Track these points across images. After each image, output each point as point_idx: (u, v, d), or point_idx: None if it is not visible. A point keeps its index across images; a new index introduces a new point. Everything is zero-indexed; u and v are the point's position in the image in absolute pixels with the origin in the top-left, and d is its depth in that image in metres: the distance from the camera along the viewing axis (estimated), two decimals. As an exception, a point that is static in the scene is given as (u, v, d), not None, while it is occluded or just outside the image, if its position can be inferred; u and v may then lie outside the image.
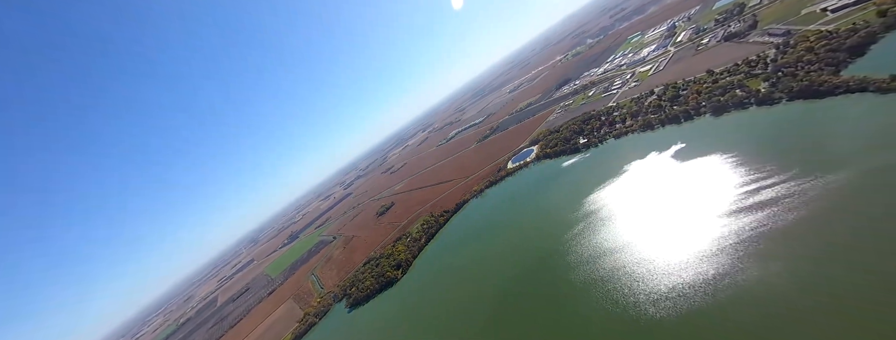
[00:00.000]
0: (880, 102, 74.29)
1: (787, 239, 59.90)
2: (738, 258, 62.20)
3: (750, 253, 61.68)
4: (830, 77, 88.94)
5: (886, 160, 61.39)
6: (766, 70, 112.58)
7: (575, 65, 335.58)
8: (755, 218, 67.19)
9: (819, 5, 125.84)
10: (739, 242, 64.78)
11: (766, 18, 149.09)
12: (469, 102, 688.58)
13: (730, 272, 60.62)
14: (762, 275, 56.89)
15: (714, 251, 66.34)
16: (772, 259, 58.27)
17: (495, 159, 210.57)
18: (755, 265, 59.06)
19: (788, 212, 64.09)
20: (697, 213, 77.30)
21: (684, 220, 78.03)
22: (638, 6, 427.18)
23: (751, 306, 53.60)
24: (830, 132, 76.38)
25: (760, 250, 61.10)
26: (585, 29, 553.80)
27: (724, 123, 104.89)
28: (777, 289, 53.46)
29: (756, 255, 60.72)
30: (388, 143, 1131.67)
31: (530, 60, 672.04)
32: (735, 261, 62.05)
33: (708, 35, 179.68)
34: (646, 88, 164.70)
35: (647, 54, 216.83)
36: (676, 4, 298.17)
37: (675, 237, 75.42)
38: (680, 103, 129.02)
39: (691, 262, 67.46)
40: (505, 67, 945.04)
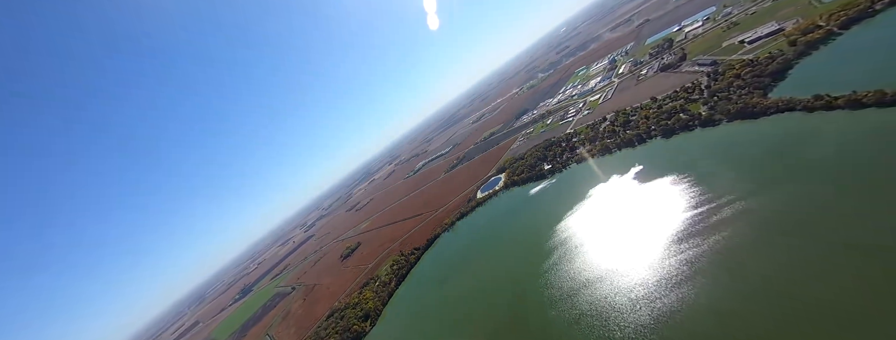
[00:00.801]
0: (808, 120, 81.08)
1: (740, 261, 60.28)
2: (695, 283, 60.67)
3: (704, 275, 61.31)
4: (761, 99, 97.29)
5: (814, 176, 65.87)
6: (703, 95, 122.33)
7: (531, 96, 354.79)
8: (710, 241, 67.97)
9: (737, 38, 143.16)
10: (697, 267, 65.03)
11: (692, 51, 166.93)
12: (435, 133, 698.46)
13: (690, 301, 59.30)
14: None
15: (683, 275, 65.09)
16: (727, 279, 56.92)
17: (464, 188, 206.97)
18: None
19: (736, 235, 65.49)
20: (663, 237, 76.78)
21: (652, 244, 76.94)
22: (580, 44, 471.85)
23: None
24: (770, 150, 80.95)
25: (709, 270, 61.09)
26: (535, 64, 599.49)
27: (675, 144, 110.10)
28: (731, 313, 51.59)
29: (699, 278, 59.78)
30: (353, 178, 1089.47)
31: (489, 93, 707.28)
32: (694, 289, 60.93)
33: (645, 67, 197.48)
34: (598, 115, 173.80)
35: (595, 85, 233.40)
36: (614, 41, 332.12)
37: (646, 263, 73.48)
38: (632, 128, 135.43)
39: (663, 291, 65.16)
40: (466, 100, 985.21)
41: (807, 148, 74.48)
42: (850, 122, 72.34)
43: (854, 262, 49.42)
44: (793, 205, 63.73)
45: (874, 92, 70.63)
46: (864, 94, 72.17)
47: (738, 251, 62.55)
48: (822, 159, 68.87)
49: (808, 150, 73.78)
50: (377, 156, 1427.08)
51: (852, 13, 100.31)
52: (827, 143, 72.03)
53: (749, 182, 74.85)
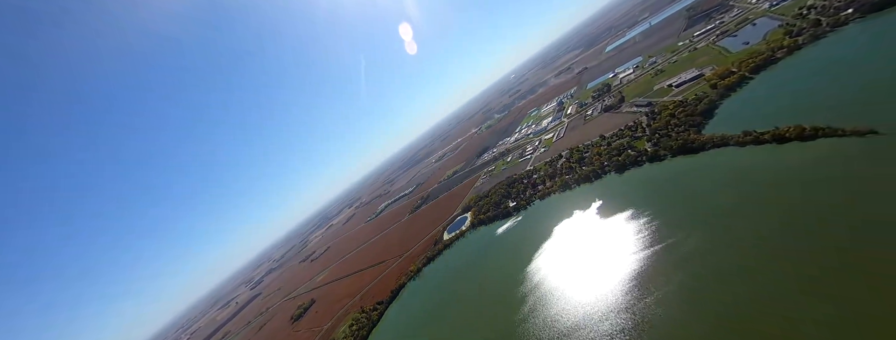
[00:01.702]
0: (742, 153, 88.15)
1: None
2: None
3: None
4: (697, 136, 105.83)
5: (758, 207, 69.89)
6: (645, 133, 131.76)
7: (489, 136, 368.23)
8: (675, 279, 67.42)
9: (665, 83, 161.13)
10: (667, 306, 63.84)
11: (629, 94, 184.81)
12: (398, 172, 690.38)
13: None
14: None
15: (658, 318, 62.60)
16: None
17: (430, 230, 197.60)
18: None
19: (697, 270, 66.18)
20: (632, 276, 74.92)
21: (623, 285, 74.55)
22: (529, 88, 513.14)
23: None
24: (715, 182, 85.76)
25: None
26: (491, 106, 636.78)
27: (628, 179, 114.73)
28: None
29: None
30: (308, 224, 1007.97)
31: (449, 133, 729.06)
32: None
33: (590, 108, 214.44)
34: (554, 152, 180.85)
35: (547, 125, 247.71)
36: (559, 86, 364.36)
37: (621, 306, 70.17)
38: (587, 164, 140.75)
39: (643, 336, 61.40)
40: (428, 139, 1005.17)
41: (747, 180, 79.53)
42: (779, 154, 79.23)
43: (798, 283, 51.36)
44: (743, 237, 65.87)
45: (794, 127, 78.91)
46: (786, 129, 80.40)
47: (700, 287, 62.49)
48: (762, 189, 73.43)
49: (748, 181, 78.76)
50: (336, 199, 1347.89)
51: (758, 61, 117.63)
52: (764, 174, 77.55)
53: (702, 215, 77.59)
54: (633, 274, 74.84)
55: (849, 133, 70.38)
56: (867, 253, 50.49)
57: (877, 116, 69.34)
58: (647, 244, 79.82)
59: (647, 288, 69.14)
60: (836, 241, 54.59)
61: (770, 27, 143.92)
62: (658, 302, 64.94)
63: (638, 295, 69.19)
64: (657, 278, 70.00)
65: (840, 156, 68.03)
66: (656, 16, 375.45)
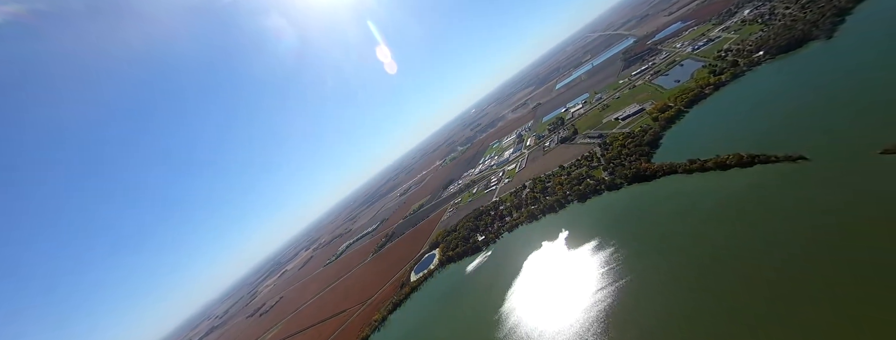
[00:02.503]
0: (690, 180, 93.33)
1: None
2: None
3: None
4: (648, 164, 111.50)
5: (711, 231, 73.20)
6: (601, 163, 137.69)
7: (454, 168, 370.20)
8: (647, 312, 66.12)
9: (612, 116, 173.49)
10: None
11: (581, 127, 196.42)
12: (360, 208, 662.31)
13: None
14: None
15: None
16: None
17: (396, 271, 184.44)
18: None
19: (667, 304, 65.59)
20: (606, 313, 72.44)
21: (599, 323, 71.42)
22: (490, 122, 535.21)
23: None
24: (670, 209, 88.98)
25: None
26: (454, 139, 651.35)
27: (590, 207, 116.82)
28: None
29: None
30: (259, 272, 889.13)
31: (414, 166, 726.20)
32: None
33: (547, 140, 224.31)
34: (518, 182, 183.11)
35: (509, 156, 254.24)
36: (517, 120, 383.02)
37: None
38: (550, 194, 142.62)
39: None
40: (392, 173, 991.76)
41: (699, 206, 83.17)
42: (723, 181, 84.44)
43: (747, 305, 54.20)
44: (703, 263, 67.52)
45: (733, 155, 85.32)
46: (726, 157, 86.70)
47: (670, 318, 61.49)
48: (714, 215, 76.94)
49: (700, 208, 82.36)
50: (291, 241, 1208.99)
51: (690, 96, 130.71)
52: (713, 200, 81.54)
53: (663, 244, 78.98)
54: (605, 310, 72.55)
55: (781, 159, 76.82)
56: (818, 270, 53.00)
57: (801, 142, 76.86)
58: (615, 278, 78.90)
59: (622, 325, 66.52)
60: (785, 262, 57.07)
61: (695, 67, 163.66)
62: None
63: (615, 336, 65.94)
64: (628, 312, 68.34)
65: (777, 181, 73.39)
66: (597, 58, 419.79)
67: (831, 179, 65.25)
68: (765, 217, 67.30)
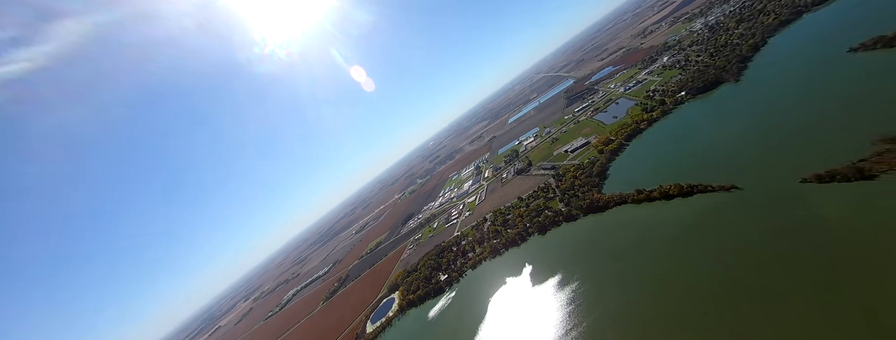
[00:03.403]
0: (639, 209, 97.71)
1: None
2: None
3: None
4: (600, 195, 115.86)
5: (666, 261, 75.59)
6: (556, 194, 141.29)
7: (413, 201, 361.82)
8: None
9: (562, 149, 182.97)
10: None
11: (535, 159, 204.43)
12: (311, 249, 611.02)
13: None
14: None
15: None
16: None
17: (350, 320, 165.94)
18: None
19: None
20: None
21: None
22: (448, 154, 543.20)
23: None
24: (627, 239, 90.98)
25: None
26: (413, 172, 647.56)
27: (551, 240, 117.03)
28: None
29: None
30: (186, 330, 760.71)
31: (371, 200, 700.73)
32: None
33: (504, 171, 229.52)
34: (479, 215, 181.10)
35: (468, 188, 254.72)
36: (473, 152, 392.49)
37: None
38: (511, 226, 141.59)
39: None
40: (348, 208, 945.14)
41: (651, 235, 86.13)
42: (669, 210, 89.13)
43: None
44: (662, 293, 68.52)
45: (674, 185, 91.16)
46: (669, 187, 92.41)
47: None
48: (665, 246, 79.52)
49: (652, 237, 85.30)
50: (229, 290, 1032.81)
51: (629, 131, 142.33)
52: (663, 229, 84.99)
53: (623, 275, 79.76)
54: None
55: (717, 189, 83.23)
56: (769, 297, 54.77)
57: (732, 172, 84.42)
58: (580, 317, 76.93)
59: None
60: (734, 291, 59.33)
61: (629, 105, 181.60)
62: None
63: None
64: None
65: (717, 210, 78.65)
66: (543, 96, 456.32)
67: (763, 206, 71.09)
68: (713, 248, 70.51)
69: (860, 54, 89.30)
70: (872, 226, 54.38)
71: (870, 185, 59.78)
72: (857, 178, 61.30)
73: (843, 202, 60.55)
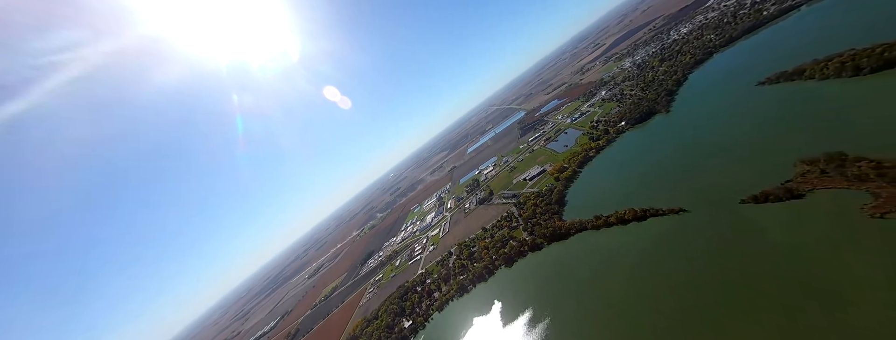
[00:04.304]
0: (599, 236, 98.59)
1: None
2: None
3: None
4: (561, 222, 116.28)
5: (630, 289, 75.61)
6: (520, 223, 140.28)
7: (374, 237, 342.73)
8: None
9: (520, 177, 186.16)
10: None
11: (496, 188, 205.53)
12: (255, 300, 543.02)
13: None
14: None
15: None
16: None
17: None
18: None
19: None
20: None
21: None
22: (409, 185, 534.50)
23: None
24: (590, 268, 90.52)
25: None
26: (373, 205, 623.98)
27: (518, 272, 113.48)
28: None
29: None
30: None
31: (327, 238, 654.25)
32: None
33: (467, 201, 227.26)
34: (443, 249, 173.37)
35: (431, 221, 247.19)
36: (434, 183, 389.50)
37: None
38: (477, 260, 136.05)
39: None
40: (300, 250, 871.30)
41: (614, 262, 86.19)
42: (627, 235, 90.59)
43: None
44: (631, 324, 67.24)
45: (629, 210, 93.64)
46: (624, 212, 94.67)
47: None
48: (628, 273, 79.42)
49: (615, 263, 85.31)
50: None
51: (580, 158, 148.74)
52: (624, 254, 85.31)
53: (591, 306, 78.18)
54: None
55: (667, 212, 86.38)
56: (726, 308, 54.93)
57: (678, 196, 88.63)
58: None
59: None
60: (698, 310, 60.10)
61: (577, 134, 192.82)
62: None
63: None
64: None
65: (670, 233, 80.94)
66: (498, 127, 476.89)
67: (711, 228, 74.09)
68: (672, 272, 71.54)
69: (767, 87, 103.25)
70: (810, 242, 57.76)
71: (799, 203, 64.70)
72: (787, 198, 66.12)
73: (781, 221, 64.56)
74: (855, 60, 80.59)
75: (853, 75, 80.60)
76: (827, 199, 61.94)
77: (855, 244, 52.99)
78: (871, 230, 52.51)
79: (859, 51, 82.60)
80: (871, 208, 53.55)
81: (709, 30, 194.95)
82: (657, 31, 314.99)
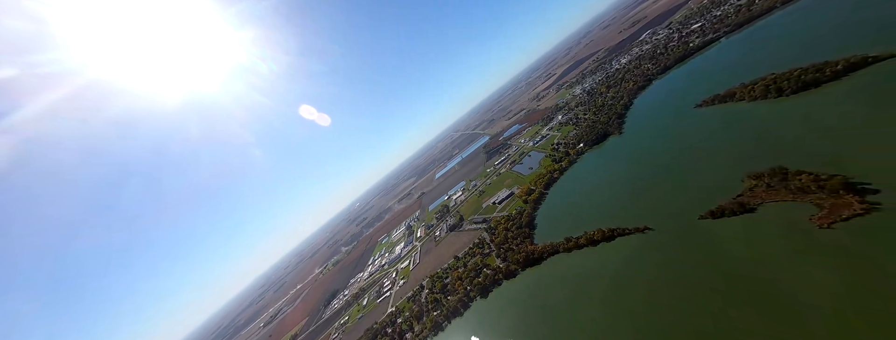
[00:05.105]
0: (572, 258, 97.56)
1: None
2: None
3: None
4: (533, 246, 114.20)
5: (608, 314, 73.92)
6: (492, 249, 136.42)
7: (339, 274, 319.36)
8: None
9: (489, 201, 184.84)
10: None
11: (466, 213, 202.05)
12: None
13: None
14: None
15: None
16: None
17: None
18: None
19: None
20: None
21: None
22: (376, 215, 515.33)
23: None
24: (566, 293, 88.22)
25: None
26: (337, 238, 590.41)
27: (494, 303, 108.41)
28: None
29: None
30: None
31: (286, 278, 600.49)
32: None
33: (437, 229, 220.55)
34: (414, 282, 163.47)
35: (401, 252, 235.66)
36: (403, 211, 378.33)
37: None
38: (451, 292, 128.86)
39: None
40: (256, 293, 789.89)
41: (587, 286, 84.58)
42: (598, 255, 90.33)
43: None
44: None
45: (597, 231, 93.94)
46: (593, 232, 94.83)
47: None
48: (602, 297, 77.85)
49: (588, 288, 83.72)
50: None
51: (545, 180, 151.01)
52: (597, 277, 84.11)
53: (566, 337, 75.65)
54: None
55: (633, 231, 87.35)
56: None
57: (641, 214, 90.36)
58: None
59: None
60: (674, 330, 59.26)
61: (540, 157, 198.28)
62: None
63: None
64: None
65: (638, 252, 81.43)
66: (464, 151, 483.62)
67: (676, 243, 75.30)
68: (644, 291, 71.26)
69: (704, 108, 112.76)
70: (770, 255, 59.57)
71: (753, 217, 67.66)
72: (741, 211, 69.09)
73: (739, 235, 66.77)
74: (777, 83, 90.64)
75: (777, 97, 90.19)
76: (777, 211, 65.27)
77: (809, 254, 55.19)
78: (822, 240, 55.13)
79: (779, 74, 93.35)
80: (818, 218, 56.63)
81: (646, 60, 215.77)
82: (600, 61, 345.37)
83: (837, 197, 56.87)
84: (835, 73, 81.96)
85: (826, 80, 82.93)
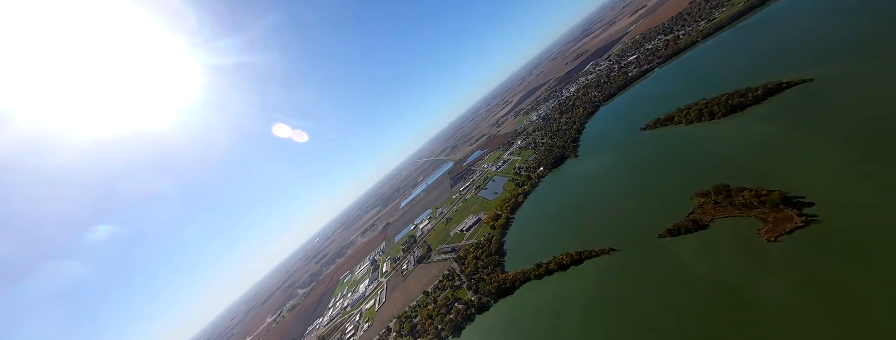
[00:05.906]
0: (544, 285, 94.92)
1: None
2: None
3: None
4: (504, 275, 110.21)
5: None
6: (463, 281, 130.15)
7: (294, 321, 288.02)
8: None
9: (457, 228, 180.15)
10: None
11: (434, 242, 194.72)
12: None
13: None
14: None
15: None
16: None
17: None
18: None
19: None
20: None
21: None
22: (338, 250, 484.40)
23: None
24: (537, 324, 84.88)
25: None
26: (294, 279, 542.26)
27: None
28: None
29: None
30: None
31: (233, 331, 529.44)
32: None
33: (404, 262, 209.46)
34: (380, 325, 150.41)
35: (365, 290, 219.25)
36: (367, 244, 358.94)
37: None
38: (421, 333, 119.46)
39: None
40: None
41: (562, 314, 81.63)
42: (568, 280, 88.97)
43: None
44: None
45: (566, 255, 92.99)
46: (562, 256, 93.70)
47: None
48: (576, 325, 75.18)
49: (563, 315, 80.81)
50: None
51: (511, 204, 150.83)
52: (571, 304, 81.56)
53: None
54: None
55: (599, 253, 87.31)
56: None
57: (605, 235, 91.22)
58: None
59: None
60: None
61: (503, 181, 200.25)
62: None
63: None
64: None
65: (606, 274, 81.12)
66: (429, 178, 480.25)
67: (641, 263, 75.78)
68: (615, 314, 70.14)
69: (649, 132, 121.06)
70: (725, 268, 61.08)
71: (707, 233, 70.17)
72: (695, 229, 71.53)
73: (696, 252, 68.51)
74: (708, 107, 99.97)
75: (710, 119, 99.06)
76: (727, 227, 68.22)
77: (763, 267, 57.10)
78: (773, 254, 57.48)
79: (710, 100, 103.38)
80: (765, 232, 59.43)
81: (592, 88, 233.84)
82: (552, 90, 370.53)
83: (778, 211, 60.48)
84: (756, 97, 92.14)
85: (750, 103, 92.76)
